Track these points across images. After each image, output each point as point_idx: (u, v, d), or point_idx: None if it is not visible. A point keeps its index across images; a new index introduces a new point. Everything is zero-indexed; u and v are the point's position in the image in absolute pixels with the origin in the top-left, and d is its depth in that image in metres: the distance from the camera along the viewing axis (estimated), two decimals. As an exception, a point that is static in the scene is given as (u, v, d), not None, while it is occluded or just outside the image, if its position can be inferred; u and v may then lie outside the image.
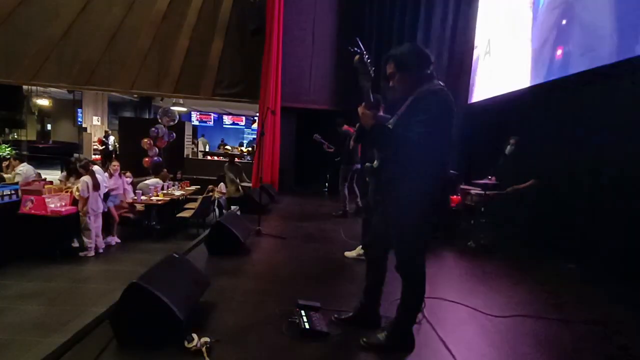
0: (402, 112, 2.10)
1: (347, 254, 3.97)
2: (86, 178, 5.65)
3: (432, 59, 2.10)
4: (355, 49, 1.92)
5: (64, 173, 6.88)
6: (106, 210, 6.08)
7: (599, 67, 3.97)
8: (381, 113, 3.03)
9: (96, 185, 5.65)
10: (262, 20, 7.99)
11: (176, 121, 10.72)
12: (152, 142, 9.70)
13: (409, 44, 2.21)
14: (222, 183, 8.45)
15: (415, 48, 2.14)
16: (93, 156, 14.14)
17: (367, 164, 2.24)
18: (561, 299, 3.14)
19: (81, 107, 16.33)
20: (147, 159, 9.68)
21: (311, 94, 8.68)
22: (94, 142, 15.55)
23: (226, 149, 16.49)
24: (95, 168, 6.41)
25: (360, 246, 3.85)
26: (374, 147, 2.20)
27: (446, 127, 2.01)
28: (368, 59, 1.92)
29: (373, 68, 1.95)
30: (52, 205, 5.43)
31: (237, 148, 17.02)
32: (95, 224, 5.75)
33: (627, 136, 3.77)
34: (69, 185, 6.60)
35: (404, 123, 2.02)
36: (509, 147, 4.64)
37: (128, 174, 7.68)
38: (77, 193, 5.65)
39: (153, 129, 9.79)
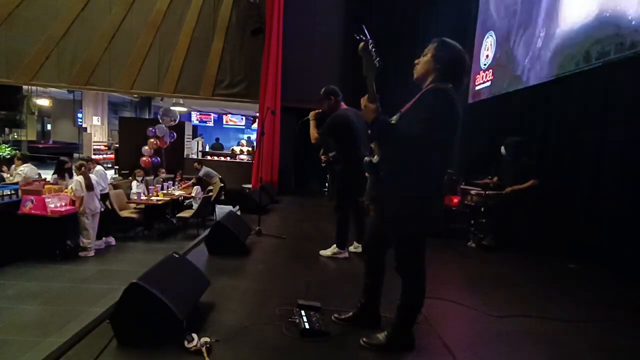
0: (407, 108, 2.06)
1: (322, 252, 3.86)
2: (79, 178, 5.65)
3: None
4: (361, 36, 1.82)
5: (55, 175, 6.82)
6: (103, 210, 6.08)
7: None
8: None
9: (89, 186, 5.65)
10: (262, 20, 7.99)
11: (177, 121, 10.73)
12: (157, 142, 9.75)
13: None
14: (197, 186, 8.45)
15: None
16: (94, 156, 14.13)
17: (365, 158, 2.16)
18: (561, 299, 3.14)
19: (81, 107, 16.33)
20: (146, 159, 9.69)
21: (311, 94, 8.65)
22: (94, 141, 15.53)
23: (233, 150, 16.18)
24: (98, 168, 6.41)
25: (335, 245, 3.80)
26: (374, 142, 2.13)
27: (449, 128, 1.98)
28: (373, 47, 1.82)
29: (378, 58, 1.85)
30: (52, 205, 5.43)
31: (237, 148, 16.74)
32: (93, 223, 5.75)
33: (628, 135, 3.77)
34: (60, 186, 6.54)
35: (407, 120, 1.99)
36: (504, 147, 4.65)
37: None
38: (72, 193, 5.65)
39: (151, 129, 9.81)
